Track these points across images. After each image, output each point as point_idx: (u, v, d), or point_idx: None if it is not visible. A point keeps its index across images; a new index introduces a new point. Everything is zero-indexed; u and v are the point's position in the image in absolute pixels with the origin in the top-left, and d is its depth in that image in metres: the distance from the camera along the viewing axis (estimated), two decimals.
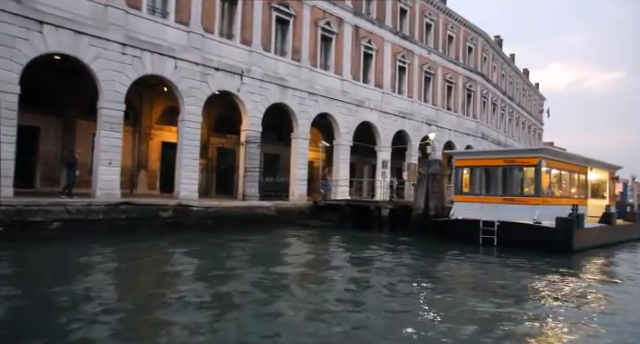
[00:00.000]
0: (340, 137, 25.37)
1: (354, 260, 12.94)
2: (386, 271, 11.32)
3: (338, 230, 20.47)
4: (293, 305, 7.63)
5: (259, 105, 20.82)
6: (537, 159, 15.39)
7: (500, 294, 9.11)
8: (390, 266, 12.16)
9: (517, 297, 8.92)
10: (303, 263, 12.35)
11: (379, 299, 8.44)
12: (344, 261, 12.95)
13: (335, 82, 25.06)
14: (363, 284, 9.68)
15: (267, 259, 12.48)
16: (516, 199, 15.95)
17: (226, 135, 24.87)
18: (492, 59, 42.12)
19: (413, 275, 11.04)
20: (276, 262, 12.11)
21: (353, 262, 12.59)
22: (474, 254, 14.68)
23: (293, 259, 12.83)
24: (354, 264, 12.33)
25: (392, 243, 17.09)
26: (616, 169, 22.15)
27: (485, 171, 16.91)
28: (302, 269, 11.34)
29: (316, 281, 9.80)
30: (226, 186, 24.00)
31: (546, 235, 14.88)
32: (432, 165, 18.31)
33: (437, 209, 18.08)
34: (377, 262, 12.83)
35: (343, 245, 16.29)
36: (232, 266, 11.09)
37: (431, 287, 9.66)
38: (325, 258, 13.50)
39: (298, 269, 11.25)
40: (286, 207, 21.30)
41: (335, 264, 12.42)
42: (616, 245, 18.12)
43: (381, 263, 12.64)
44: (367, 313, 7.47)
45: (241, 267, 11.17)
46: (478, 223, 16.14)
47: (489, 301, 8.37)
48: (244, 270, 10.76)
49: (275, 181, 24.77)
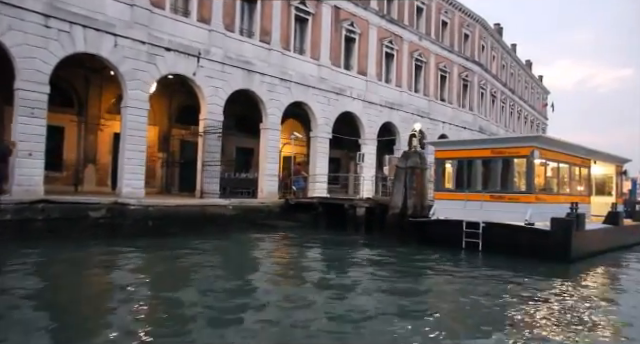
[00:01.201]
0: (317, 128, 23.07)
1: (307, 276, 10.60)
2: (341, 290, 8.87)
3: (308, 232, 18.23)
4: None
5: (220, 91, 18.56)
6: (529, 149, 13.03)
7: (476, 326, 6.81)
8: (349, 283, 9.71)
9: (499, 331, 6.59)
10: (229, 290, 8.96)
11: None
12: (292, 277, 10.63)
13: (311, 68, 22.75)
14: (304, 317, 7.39)
15: (189, 279, 10.15)
16: (505, 196, 13.60)
17: (190, 126, 22.63)
18: (491, 48, 39.61)
19: (372, 300, 8.41)
20: (197, 287, 8.61)
21: (304, 279, 10.23)
22: (454, 263, 12.35)
23: (216, 284, 9.66)
24: (302, 282, 10.02)
25: (363, 248, 14.81)
26: (624, 162, 19.69)
27: (469, 164, 14.56)
28: (224, 300, 8.21)
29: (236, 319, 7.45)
30: (190, 182, 21.76)
31: (540, 239, 12.54)
32: (411, 157, 15.97)
33: (416, 208, 15.74)
34: (334, 276, 10.50)
35: (302, 254, 14.00)
36: (136, 292, 8.48)
37: (394, 320, 7.26)
38: (263, 277, 10.78)
39: (219, 302, 8.03)
40: (252, 206, 19.06)
41: (275, 284, 10.05)
42: (624, 249, 15.72)
43: (339, 279, 10.28)
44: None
45: (144, 291, 8.88)
46: (461, 225, 13.83)
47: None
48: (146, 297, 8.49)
49: (247, 177, 22.56)
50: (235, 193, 21.93)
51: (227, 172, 23.39)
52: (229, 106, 23.00)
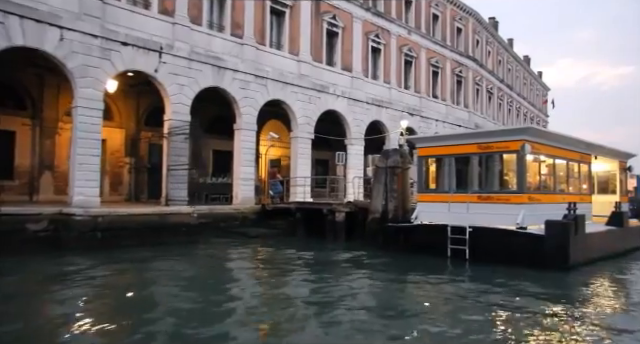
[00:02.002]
0: (298, 128, 21.60)
1: (264, 295, 9.14)
2: (297, 318, 7.49)
3: (284, 240, 16.74)
4: None
5: (186, 89, 17.13)
6: (519, 143, 11.50)
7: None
8: (317, 300, 8.29)
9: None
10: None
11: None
12: (250, 300, 9.15)
13: (290, 64, 21.32)
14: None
15: (119, 300, 8.70)
16: (494, 197, 12.07)
17: (160, 129, 21.25)
18: (486, 43, 38.11)
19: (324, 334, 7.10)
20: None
21: (261, 298, 8.78)
22: (437, 276, 10.75)
23: (148, 305, 8.79)
24: (261, 303, 8.54)
25: (340, 258, 13.28)
26: (628, 158, 18.11)
27: (455, 161, 13.03)
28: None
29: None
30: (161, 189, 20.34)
31: (533, 245, 11.01)
32: (391, 156, 14.47)
33: (397, 212, 14.23)
34: (296, 293, 9.02)
35: (267, 266, 12.51)
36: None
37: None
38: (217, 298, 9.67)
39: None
40: (224, 213, 17.62)
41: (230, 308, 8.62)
42: (630, 254, 14.14)
43: (304, 295, 8.81)
44: None
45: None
46: (445, 230, 12.30)
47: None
48: None
49: (224, 182, 21.09)
50: (213, 199, 20.57)
51: (203, 177, 22.02)
52: (204, 106, 21.66)
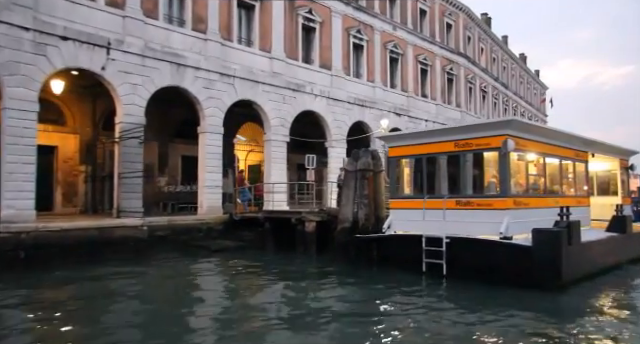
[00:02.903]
0: (271, 130, 19.99)
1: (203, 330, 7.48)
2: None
3: (250, 254, 15.14)
4: None
5: (139, 89, 15.55)
6: (501, 138, 9.85)
7: None
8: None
9: None
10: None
11: None
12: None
13: (261, 61, 19.75)
14: None
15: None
16: (474, 202, 10.40)
17: None
18: (478, 39, 36.54)
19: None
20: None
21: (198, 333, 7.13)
22: (407, 298, 9.12)
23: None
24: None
25: (302, 277, 11.60)
26: (630, 155, 16.43)
27: (430, 162, 11.38)
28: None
29: None
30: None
31: (519, 258, 9.34)
32: (361, 157, 12.83)
33: (368, 221, 12.58)
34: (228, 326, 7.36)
35: (217, 290, 10.86)
36: None
37: None
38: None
39: None
40: (185, 224, 15.96)
41: None
42: (634, 265, 12.41)
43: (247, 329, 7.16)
44: None
45: None
46: (420, 241, 10.64)
47: None
48: None
49: (193, 191, 19.45)
50: (181, 209, 18.97)
51: (171, 185, 20.45)
52: (170, 109, 20.15)
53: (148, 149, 20.24)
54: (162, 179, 20.63)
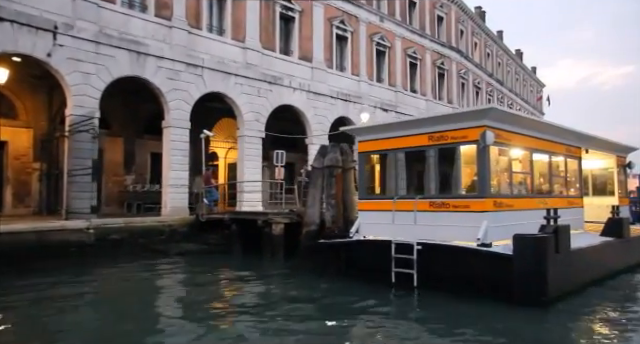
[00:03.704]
0: (244, 126, 18.69)
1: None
2: None
3: (214, 258, 13.92)
4: None
5: (93, 79, 14.23)
6: (479, 130, 8.55)
7: None
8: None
9: None
10: None
11: None
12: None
13: (234, 51, 18.44)
14: None
15: None
16: (449, 203, 9.09)
17: None
18: (472, 33, 35.26)
19: None
20: None
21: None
22: (369, 316, 7.78)
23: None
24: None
25: (258, 286, 10.30)
26: (628, 152, 15.16)
27: (401, 158, 10.07)
28: None
29: None
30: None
31: (498, 269, 8.04)
32: (329, 153, 11.53)
33: (337, 224, 11.28)
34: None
35: (157, 308, 9.53)
36: None
37: None
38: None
39: None
40: (145, 226, 14.62)
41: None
42: (632, 273, 11.13)
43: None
44: None
45: None
46: (389, 248, 9.34)
47: None
48: None
49: (160, 190, 18.14)
50: (148, 209, 17.67)
51: (137, 184, 19.14)
52: (137, 103, 18.87)
53: (113, 145, 19.09)
54: (129, 177, 19.33)
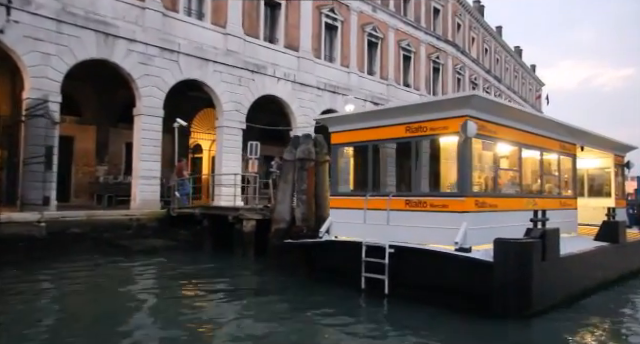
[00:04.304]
0: (223, 116, 17.70)
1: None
2: None
3: (183, 255, 13.09)
4: None
5: (54, 60, 13.22)
6: (460, 120, 7.60)
7: None
8: None
9: None
10: None
11: None
12: None
13: (213, 37, 17.42)
14: None
15: None
16: (426, 202, 8.14)
17: (65, 117, 17.41)
18: (469, 28, 34.25)
19: None
20: None
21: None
22: (332, 329, 6.88)
23: None
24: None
25: (219, 288, 9.36)
26: (626, 151, 14.25)
27: (376, 151, 9.11)
28: None
29: None
30: (62, 189, 16.42)
31: (477, 277, 7.12)
32: (302, 144, 10.58)
33: (308, 222, 10.34)
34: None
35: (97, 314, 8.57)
36: None
37: None
38: None
39: None
40: (110, 220, 13.72)
41: None
42: (628, 281, 10.22)
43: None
44: None
45: None
46: (359, 250, 8.41)
47: None
48: None
49: (129, 181, 17.16)
50: (121, 202, 16.67)
51: (109, 175, 18.16)
52: (113, 89, 17.80)
53: (84, 133, 18.11)
54: (101, 168, 18.34)
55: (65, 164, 17.26)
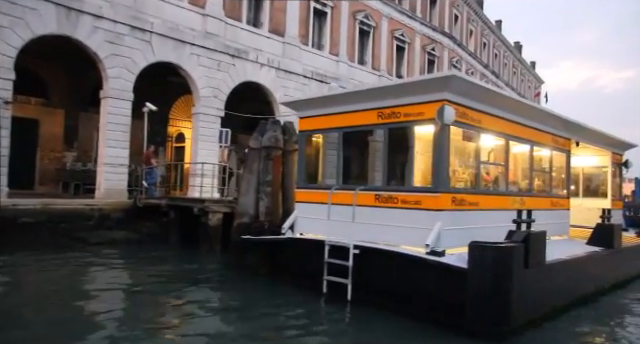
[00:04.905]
0: (200, 102, 16.68)
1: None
2: None
3: (145, 249, 12.20)
4: None
5: (7, 33, 12.12)
6: (436, 105, 6.63)
7: None
8: None
9: None
10: None
11: None
12: None
13: (191, 17, 16.35)
14: None
15: None
16: (398, 198, 7.18)
17: (30, 98, 16.46)
18: (468, 20, 33.18)
19: None
20: None
21: None
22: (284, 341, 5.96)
23: None
24: None
25: (171, 289, 8.40)
26: (625, 149, 13.32)
27: (345, 139, 8.14)
28: None
29: None
30: (23, 175, 15.47)
31: (450, 286, 6.19)
32: (268, 131, 9.60)
33: (272, 216, 9.38)
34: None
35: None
36: None
37: None
38: None
39: None
40: (69, 210, 12.71)
41: None
42: (623, 289, 9.31)
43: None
44: None
45: None
46: (322, 249, 7.48)
47: None
48: None
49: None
50: (89, 191, 15.69)
51: (78, 162, 17.17)
52: (85, 71, 16.72)
53: (51, 117, 17.09)
54: (69, 154, 17.32)
55: (29, 149, 16.31)
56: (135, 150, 15.95)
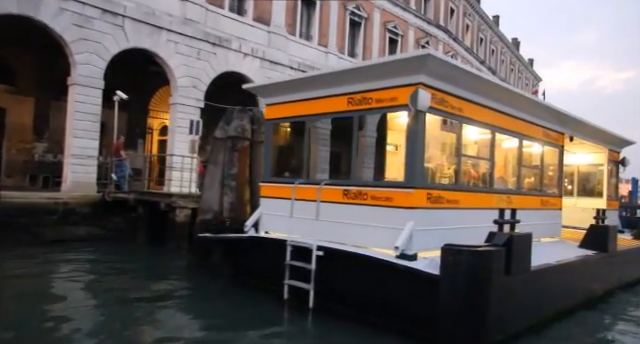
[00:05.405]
0: (177, 92, 15.86)
1: None
2: None
3: (108, 248, 11.43)
4: None
5: None
6: (410, 89, 5.85)
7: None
8: None
9: None
10: None
11: None
12: None
13: (169, 3, 15.52)
14: None
15: None
16: (367, 193, 6.41)
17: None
18: (464, 14, 32.35)
19: None
20: None
21: None
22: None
23: None
24: None
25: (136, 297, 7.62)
26: (623, 146, 12.55)
27: (313, 127, 7.35)
28: None
29: None
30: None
31: (420, 295, 5.42)
32: (235, 120, 8.80)
33: (236, 212, 8.60)
34: None
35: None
36: None
37: None
38: None
39: None
40: (30, 203, 11.92)
41: None
42: (618, 296, 8.57)
43: None
44: None
45: None
46: (284, 250, 6.70)
47: None
48: None
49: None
50: (58, 183, 14.88)
51: (48, 153, 16.34)
52: (57, 59, 15.86)
53: (19, 106, 16.22)
54: (39, 145, 16.47)
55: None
56: (109, 142, 15.18)
